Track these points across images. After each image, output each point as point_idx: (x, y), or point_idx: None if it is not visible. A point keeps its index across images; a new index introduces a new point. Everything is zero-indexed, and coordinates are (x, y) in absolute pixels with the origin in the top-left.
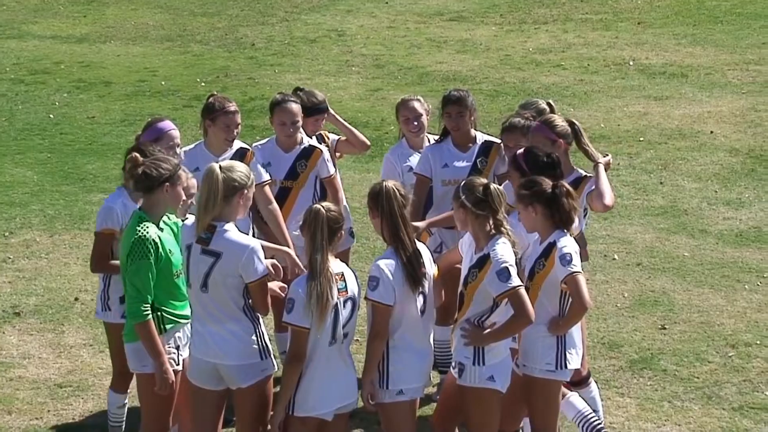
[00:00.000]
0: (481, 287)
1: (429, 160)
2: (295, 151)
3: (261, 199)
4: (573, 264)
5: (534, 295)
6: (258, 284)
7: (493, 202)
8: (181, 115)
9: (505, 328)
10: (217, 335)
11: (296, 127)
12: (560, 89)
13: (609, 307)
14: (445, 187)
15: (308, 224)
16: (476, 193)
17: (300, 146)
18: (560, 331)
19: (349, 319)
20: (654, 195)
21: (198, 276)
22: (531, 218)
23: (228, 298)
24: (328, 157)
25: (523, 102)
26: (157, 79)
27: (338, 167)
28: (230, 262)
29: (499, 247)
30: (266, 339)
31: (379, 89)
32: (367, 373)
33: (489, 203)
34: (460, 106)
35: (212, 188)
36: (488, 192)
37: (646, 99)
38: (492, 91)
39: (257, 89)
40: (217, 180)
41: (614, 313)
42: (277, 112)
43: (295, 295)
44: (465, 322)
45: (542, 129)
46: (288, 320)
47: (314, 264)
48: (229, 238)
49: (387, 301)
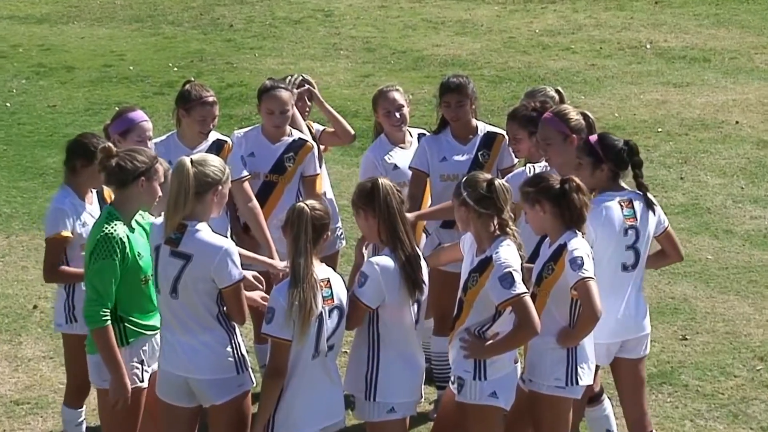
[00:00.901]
0: (482, 293)
1: (426, 154)
2: (283, 143)
3: (239, 197)
4: (584, 269)
5: (541, 303)
6: (232, 290)
7: (498, 199)
8: (151, 103)
9: (508, 339)
10: (189, 346)
11: (285, 117)
12: (570, 75)
13: None
14: (444, 183)
15: (291, 224)
16: (479, 189)
17: (288, 138)
18: (570, 342)
19: (335, 330)
20: (674, 192)
21: (167, 280)
22: (539, 218)
23: (200, 305)
24: (317, 151)
25: (529, 90)
26: (125, 64)
27: (324, 161)
28: (202, 265)
29: (502, 249)
30: (243, 351)
31: (370, 75)
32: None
33: (493, 201)
34: (459, 95)
35: (183, 184)
36: (493, 188)
37: (664, 86)
38: (494, 78)
39: (235, 75)
40: (188, 175)
41: None
42: (265, 100)
43: (275, 304)
44: (464, 332)
45: (554, 122)
46: (267, 331)
47: (297, 269)
48: (201, 238)
49: (371, 304)
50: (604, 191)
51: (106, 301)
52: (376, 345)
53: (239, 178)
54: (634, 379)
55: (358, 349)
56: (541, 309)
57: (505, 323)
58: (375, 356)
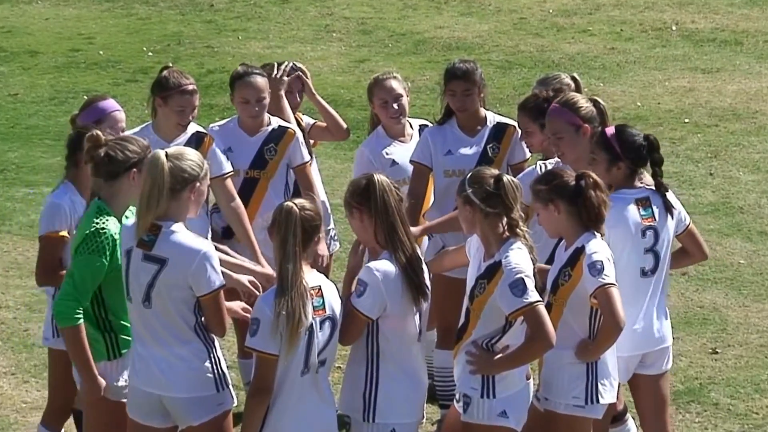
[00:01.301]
0: (490, 302)
1: (429, 146)
2: (262, 133)
3: (221, 195)
4: (605, 274)
5: (557, 313)
6: (211, 298)
7: (507, 197)
8: (123, 91)
9: (520, 352)
10: (163, 361)
11: (262, 105)
12: (587, 60)
13: None
14: (449, 179)
15: (278, 225)
16: (486, 186)
17: (267, 128)
18: (590, 356)
19: (327, 344)
20: (702, 189)
21: (139, 287)
22: (553, 219)
23: (176, 315)
24: (302, 140)
25: (541, 77)
26: (95, 48)
27: (315, 155)
28: (177, 270)
29: (513, 253)
30: (223, 366)
31: (366, 60)
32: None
33: (501, 199)
34: (466, 83)
35: (157, 180)
36: (501, 185)
37: (692, 72)
38: (503, 63)
39: (217, 60)
40: (163, 170)
41: None
42: (238, 88)
43: (261, 315)
44: (471, 345)
45: (562, 112)
46: (251, 345)
47: (284, 275)
48: (177, 241)
49: (371, 314)
50: (619, 189)
51: (83, 299)
52: (376, 360)
53: (221, 175)
54: (655, 397)
55: (354, 364)
56: (557, 319)
57: (517, 335)
58: (374, 372)
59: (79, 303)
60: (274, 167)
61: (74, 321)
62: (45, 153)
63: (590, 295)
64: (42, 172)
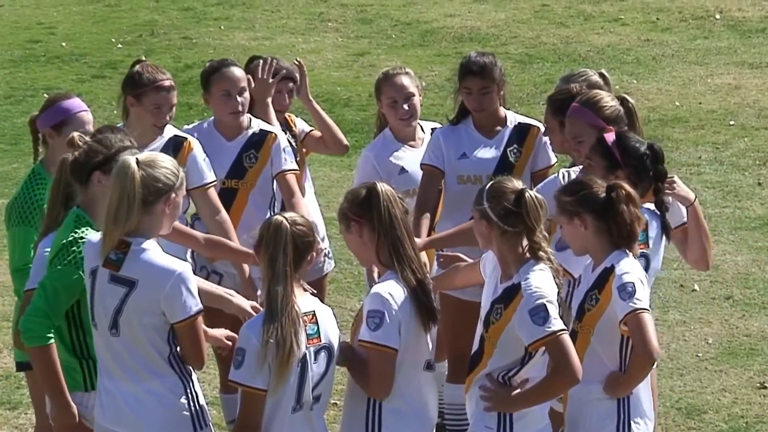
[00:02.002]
0: (507, 330)
1: (441, 147)
2: (242, 138)
3: (204, 208)
4: (637, 298)
5: (584, 342)
6: (187, 325)
7: (529, 216)
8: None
9: (541, 388)
10: (133, 396)
11: (245, 98)
12: (618, 53)
13: (687, 358)
14: (463, 186)
15: (266, 243)
16: (505, 202)
17: (248, 131)
18: (621, 391)
19: (323, 377)
20: (749, 201)
21: (105, 313)
22: (579, 234)
23: (147, 345)
24: (285, 144)
25: (565, 74)
26: (56, 39)
27: (308, 163)
28: (149, 293)
29: (534, 275)
30: (201, 402)
31: (366, 53)
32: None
33: (522, 218)
34: (484, 80)
35: (126, 190)
36: (522, 202)
37: (738, 66)
38: (523, 56)
39: (196, 53)
40: (134, 179)
41: (694, 366)
42: (216, 81)
43: (246, 344)
44: (486, 378)
45: (583, 113)
46: (235, 378)
47: (273, 299)
48: (148, 260)
49: (397, 344)
50: None
51: (55, 317)
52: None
53: (203, 185)
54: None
55: (353, 400)
56: (584, 350)
57: (537, 367)
58: (377, 410)
59: (50, 320)
60: (255, 176)
61: (44, 340)
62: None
63: (620, 321)
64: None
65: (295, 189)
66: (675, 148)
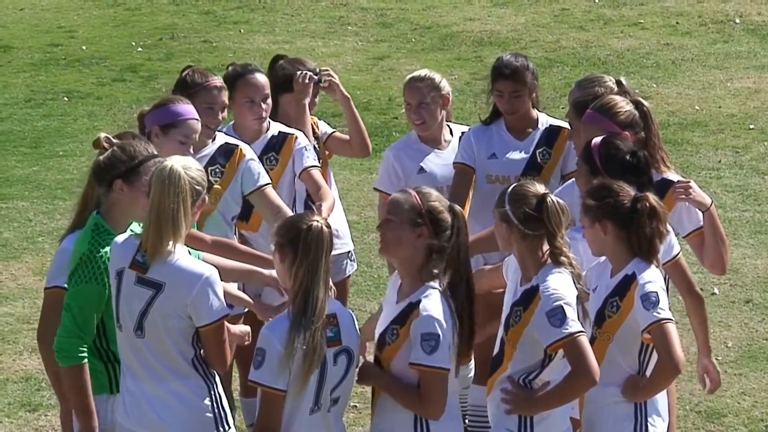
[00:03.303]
0: (526, 332)
1: (472, 147)
2: (261, 141)
3: (265, 208)
4: (660, 308)
5: (602, 348)
6: (213, 329)
7: (550, 222)
8: (109, 92)
9: (560, 390)
10: (156, 398)
11: (268, 105)
12: (638, 57)
13: None
14: (491, 185)
15: (305, 247)
16: (526, 206)
17: (267, 134)
18: (641, 396)
19: (342, 380)
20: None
21: (131, 315)
22: (599, 239)
23: (171, 347)
24: (306, 143)
25: (580, 79)
26: (76, 43)
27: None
28: (175, 296)
29: (553, 277)
30: (225, 404)
31: (386, 57)
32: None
33: (544, 222)
34: (515, 83)
35: (181, 195)
36: (544, 207)
37: (758, 71)
38: (543, 60)
39: (216, 57)
40: (186, 183)
41: None
42: (240, 87)
43: (267, 345)
44: (507, 380)
45: (597, 119)
46: (255, 378)
47: (313, 303)
48: (175, 263)
49: (447, 365)
50: None
51: (85, 335)
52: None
53: (260, 186)
54: None
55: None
56: (602, 356)
57: (558, 370)
58: (425, 424)
59: (82, 340)
60: (276, 178)
61: (78, 360)
62: (20, 162)
63: (643, 330)
64: (17, 184)
65: (320, 182)
66: (695, 152)
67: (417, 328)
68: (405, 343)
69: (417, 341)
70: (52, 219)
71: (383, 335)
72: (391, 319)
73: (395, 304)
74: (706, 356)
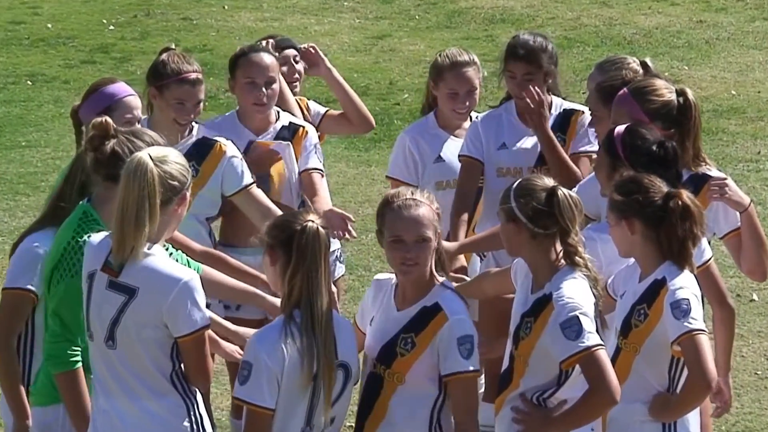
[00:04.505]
0: (539, 346)
1: (480, 137)
2: (270, 132)
3: (253, 210)
4: (692, 317)
5: (628, 360)
6: (192, 340)
7: (562, 216)
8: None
9: (577, 410)
10: (130, 417)
11: (274, 90)
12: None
13: (745, 376)
14: (503, 179)
15: (300, 251)
16: (535, 201)
17: (276, 125)
18: (670, 416)
19: (339, 397)
20: None
21: (101, 323)
22: (626, 239)
23: (147, 361)
24: (316, 141)
25: (601, 61)
26: (41, 21)
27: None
28: (150, 303)
29: (567, 284)
30: (206, 425)
31: (386, 36)
32: None
33: (556, 218)
34: (530, 65)
35: (145, 190)
36: (554, 201)
37: None
38: (562, 40)
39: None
40: (153, 178)
41: (752, 384)
42: (242, 66)
43: (254, 358)
44: (518, 399)
45: (626, 102)
46: (240, 395)
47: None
48: (151, 266)
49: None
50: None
51: (76, 336)
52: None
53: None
54: None
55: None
56: (627, 368)
57: (577, 387)
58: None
59: (71, 342)
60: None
61: (70, 365)
62: None
63: (672, 342)
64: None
65: (319, 189)
66: (731, 142)
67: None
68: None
69: (454, 348)
70: (14, 217)
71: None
72: (402, 327)
73: (396, 312)
74: (723, 375)
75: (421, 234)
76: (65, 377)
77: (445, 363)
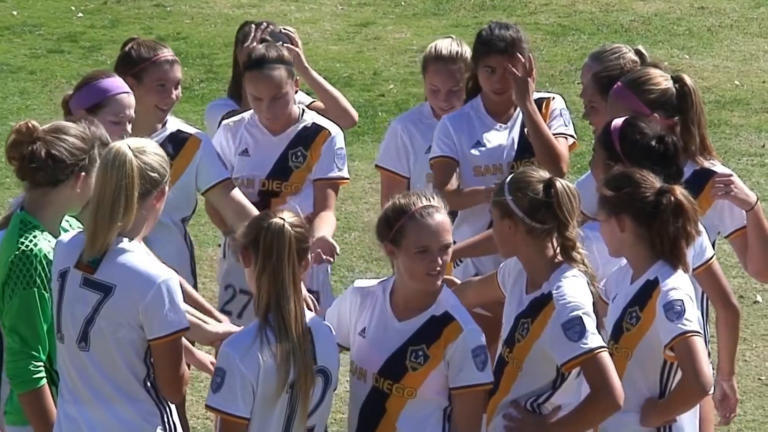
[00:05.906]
0: (536, 348)
1: (451, 135)
2: (290, 132)
3: (228, 208)
4: (686, 318)
5: (620, 366)
6: (166, 344)
7: (561, 209)
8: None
9: (578, 415)
10: (99, 425)
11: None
12: (667, 23)
13: (747, 382)
14: (481, 178)
15: (266, 250)
16: (531, 193)
17: (297, 125)
18: (658, 420)
19: (318, 405)
20: None
21: (74, 323)
22: (616, 237)
23: (121, 364)
24: (341, 145)
25: (596, 50)
26: (5, 8)
27: None
28: (126, 302)
29: (567, 282)
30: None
31: (370, 23)
32: None
33: (553, 211)
34: (511, 58)
35: (122, 182)
36: (553, 192)
37: None
38: (555, 27)
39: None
40: (132, 169)
41: (755, 390)
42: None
43: (227, 365)
44: (511, 405)
45: (623, 95)
46: (213, 404)
47: (284, 315)
48: (129, 263)
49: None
50: None
51: (37, 350)
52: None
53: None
54: None
55: None
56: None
57: (571, 392)
58: None
59: (33, 357)
60: (300, 179)
61: (34, 383)
62: None
63: (665, 345)
64: None
65: (332, 203)
66: (734, 135)
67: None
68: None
69: (469, 358)
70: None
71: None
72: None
73: (397, 323)
74: (727, 379)
75: (447, 241)
76: (29, 397)
77: (459, 374)
